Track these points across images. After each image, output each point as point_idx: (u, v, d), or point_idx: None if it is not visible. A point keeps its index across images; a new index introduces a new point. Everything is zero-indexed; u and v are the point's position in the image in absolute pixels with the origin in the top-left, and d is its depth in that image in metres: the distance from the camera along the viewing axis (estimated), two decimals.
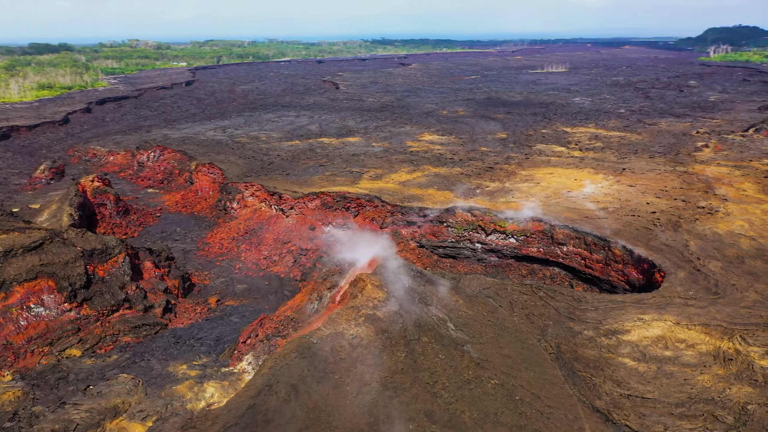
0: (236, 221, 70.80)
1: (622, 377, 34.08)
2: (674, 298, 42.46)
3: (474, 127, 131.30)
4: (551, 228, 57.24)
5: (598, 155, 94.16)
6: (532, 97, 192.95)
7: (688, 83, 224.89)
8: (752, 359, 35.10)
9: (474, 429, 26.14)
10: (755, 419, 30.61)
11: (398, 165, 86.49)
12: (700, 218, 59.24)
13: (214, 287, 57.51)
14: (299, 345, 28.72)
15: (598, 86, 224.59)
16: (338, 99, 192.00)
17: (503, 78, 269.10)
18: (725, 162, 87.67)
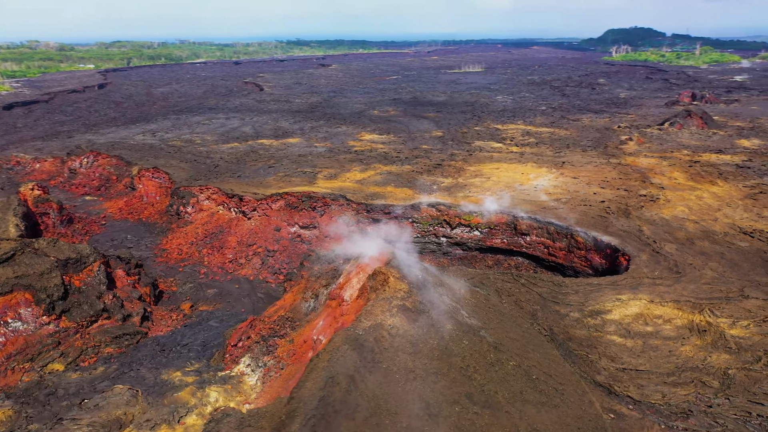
0: (192, 226, 69.05)
1: (615, 353, 36.59)
2: (643, 279, 45.81)
3: (409, 126, 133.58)
4: (514, 219, 59.86)
5: (535, 150, 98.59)
6: (456, 96, 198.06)
7: (598, 81, 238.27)
8: (723, 329, 38.58)
9: (507, 407, 27.54)
10: (737, 382, 33.79)
11: (348, 164, 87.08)
12: (646, 205, 63.74)
13: (184, 293, 56.10)
14: (346, 337, 29.05)
15: (516, 85, 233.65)
16: (265, 100, 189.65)
17: (424, 78, 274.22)
18: (651, 154, 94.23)
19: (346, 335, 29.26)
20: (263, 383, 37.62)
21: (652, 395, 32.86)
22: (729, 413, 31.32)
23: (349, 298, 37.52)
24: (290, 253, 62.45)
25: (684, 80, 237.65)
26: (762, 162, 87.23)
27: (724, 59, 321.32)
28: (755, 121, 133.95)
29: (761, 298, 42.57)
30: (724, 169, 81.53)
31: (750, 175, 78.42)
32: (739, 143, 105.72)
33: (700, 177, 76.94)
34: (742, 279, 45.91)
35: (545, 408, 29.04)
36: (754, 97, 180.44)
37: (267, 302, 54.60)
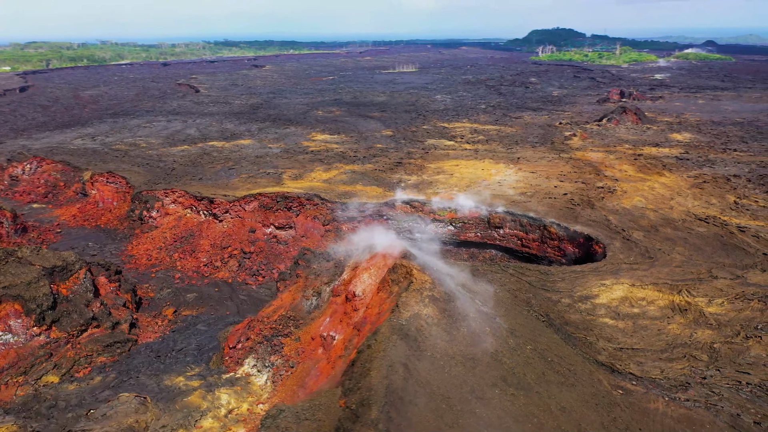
0: (159, 231, 67.28)
1: (610, 334, 38.79)
2: (621, 264, 48.58)
3: (357, 125, 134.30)
4: (488, 213, 61.80)
5: (488, 147, 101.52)
6: (396, 96, 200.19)
7: (530, 80, 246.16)
8: (701, 308, 41.61)
9: (537, 388, 28.97)
10: (722, 355, 36.62)
11: (309, 164, 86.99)
12: (606, 197, 67.21)
13: (163, 299, 54.82)
14: (392, 328, 29.51)
15: (452, 84, 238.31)
16: (203, 102, 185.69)
17: (360, 78, 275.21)
18: (596, 148, 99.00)
19: (391, 325, 29.84)
20: (273, 382, 37.59)
21: (652, 371, 35.14)
22: (722, 383, 33.96)
23: (361, 293, 38.00)
24: (267, 254, 62.02)
25: (609, 79, 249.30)
26: (698, 154, 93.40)
27: (642, 59, 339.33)
28: (681, 116, 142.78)
29: (728, 278, 46.09)
30: (667, 162, 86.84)
31: (690, 167, 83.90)
32: (673, 137, 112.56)
33: (647, 169, 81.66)
34: (707, 261, 49.48)
35: (565, 387, 30.66)
36: (676, 94, 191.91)
37: (251, 304, 54.19)
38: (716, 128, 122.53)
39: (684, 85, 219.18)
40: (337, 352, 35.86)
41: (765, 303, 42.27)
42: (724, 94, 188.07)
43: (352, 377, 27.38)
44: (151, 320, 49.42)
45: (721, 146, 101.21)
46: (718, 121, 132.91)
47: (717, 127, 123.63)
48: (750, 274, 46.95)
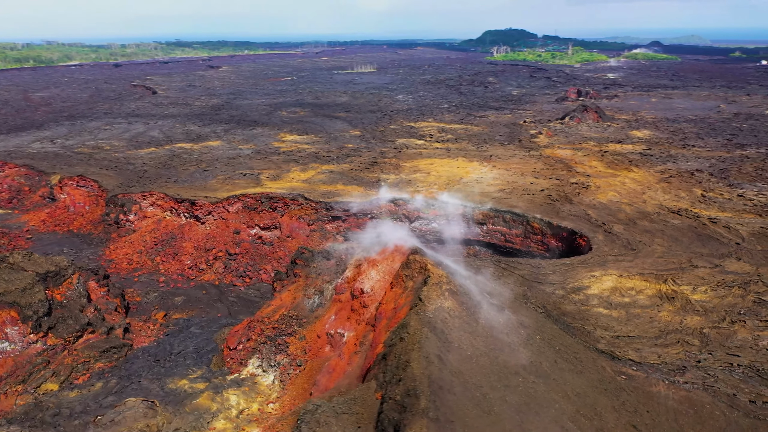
0: (138, 234, 66.00)
1: (606, 323, 40.27)
2: (607, 256, 50.37)
3: (324, 126, 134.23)
4: (471, 210, 62.95)
5: (458, 145, 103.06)
6: (358, 96, 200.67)
7: (488, 80, 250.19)
8: (687, 295, 43.60)
9: (553, 375, 30.02)
10: (712, 339, 38.54)
11: (285, 165, 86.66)
12: (581, 192, 69.31)
13: (150, 303, 53.97)
14: (421, 321, 29.93)
15: (412, 84, 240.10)
16: (163, 104, 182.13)
17: (319, 79, 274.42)
18: (563, 145, 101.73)
19: (419, 318, 30.32)
20: (282, 382, 37.66)
21: (649, 357, 36.71)
22: (715, 366, 35.77)
23: (369, 289, 38.40)
24: (253, 255, 61.66)
25: (564, 78, 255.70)
26: (660, 150, 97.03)
27: (593, 58, 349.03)
28: (637, 114, 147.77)
29: (708, 267, 48.39)
30: (632, 158, 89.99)
31: (655, 162, 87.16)
32: (633, 134, 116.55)
33: (615, 165, 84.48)
34: (686, 251, 51.76)
35: (575, 374, 31.84)
36: (630, 93, 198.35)
37: (242, 306, 53.92)
38: (672, 125, 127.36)
39: (636, 84, 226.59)
40: (350, 349, 36.21)
41: (745, 289, 44.60)
42: (674, 93, 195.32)
43: (387, 370, 27.82)
44: (142, 325, 48.63)
45: (680, 142, 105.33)
46: (672, 119, 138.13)
47: (673, 125, 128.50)
48: (727, 263, 49.39)
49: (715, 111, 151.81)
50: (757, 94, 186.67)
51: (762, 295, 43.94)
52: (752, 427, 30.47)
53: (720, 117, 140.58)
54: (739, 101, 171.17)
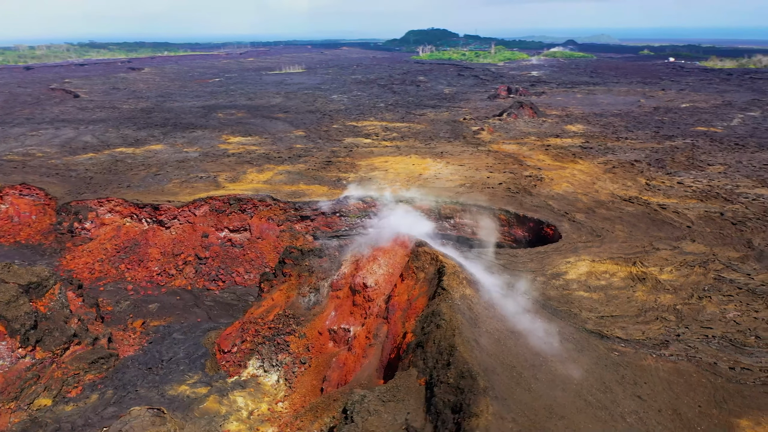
0: (96, 242, 63.48)
1: (589, 305, 42.64)
2: (577, 243, 53.10)
3: (265, 127, 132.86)
4: (438, 205, 64.50)
5: (406, 143, 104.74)
6: (292, 96, 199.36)
7: (419, 79, 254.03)
8: (656, 276, 46.77)
9: (562, 354, 31.83)
10: (685, 314, 41.65)
11: (238, 166, 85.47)
12: (537, 184, 72.36)
13: (124, 311, 52.29)
14: (452, 308, 30.65)
15: (345, 84, 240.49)
16: (88, 108, 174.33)
17: (248, 80, 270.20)
18: (507, 141, 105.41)
19: (450, 306, 31.13)
20: (287, 380, 37.72)
21: (634, 334, 39.26)
22: (693, 338, 38.73)
23: (374, 283, 38.94)
24: (223, 258, 60.70)
25: (491, 76, 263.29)
26: (598, 143, 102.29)
27: (515, 57, 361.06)
28: (566, 109, 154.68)
29: (668, 249, 51.98)
30: (575, 151, 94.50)
31: (596, 155, 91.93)
32: (568, 128, 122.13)
33: (561, 158, 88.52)
34: (646, 236, 55.33)
35: (578, 353, 33.80)
36: (555, 90, 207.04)
37: (221, 309, 53.24)
38: (601, 119, 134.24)
39: (560, 81, 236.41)
40: (361, 343, 36.70)
41: (705, 268, 48.30)
42: (596, 89, 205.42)
43: (428, 357, 28.58)
44: (123, 334, 47.14)
45: (613, 135, 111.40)
46: (599, 113, 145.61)
47: (601, 119, 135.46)
48: (684, 245, 53.22)
49: (636, 105, 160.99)
50: (671, 89, 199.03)
51: (720, 272, 47.74)
52: (737, 391, 33.33)
53: (642, 111, 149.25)
54: (656, 96, 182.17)
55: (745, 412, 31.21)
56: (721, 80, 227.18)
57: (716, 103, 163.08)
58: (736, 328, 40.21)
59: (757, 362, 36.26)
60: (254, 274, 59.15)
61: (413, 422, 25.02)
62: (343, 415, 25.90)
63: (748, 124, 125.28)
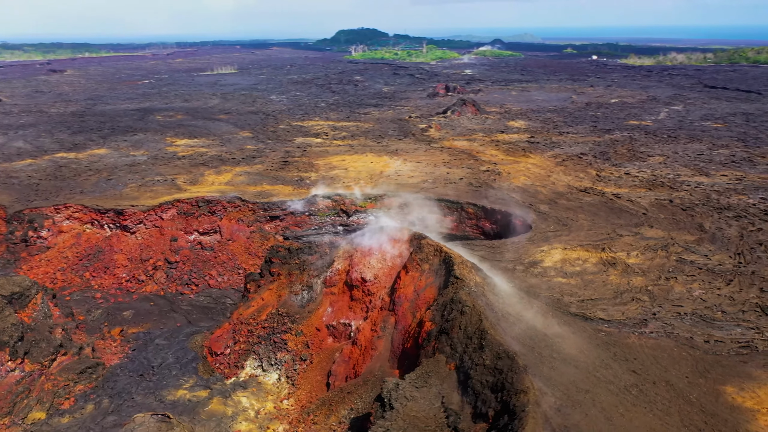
0: (55, 251, 60.82)
1: (569, 290, 44.77)
2: (547, 233, 55.43)
3: (209, 128, 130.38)
4: (406, 201, 65.55)
5: (358, 142, 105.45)
6: (229, 97, 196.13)
7: (355, 78, 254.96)
8: (624, 260, 49.59)
9: (564, 335, 33.55)
10: (657, 295, 44.48)
11: (195, 169, 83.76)
12: (496, 178, 74.73)
13: (97, 320, 50.59)
14: (471, 294, 31.44)
15: (282, 84, 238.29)
16: (12, 112, 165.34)
17: (181, 81, 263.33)
18: (457, 137, 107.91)
19: (468, 293, 32.01)
20: (289, 378, 37.80)
21: (615, 315, 41.63)
22: (668, 316, 41.48)
23: (372, 277, 39.45)
24: (194, 261, 59.52)
25: (426, 75, 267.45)
26: (543, 138, 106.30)
27: (446, 56, 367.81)
28: (504, 106, 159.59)
29: (630, 235, 55.13)
30: (523, 146, 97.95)
31: (544, 149, 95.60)
32: (511, 124, 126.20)
33: (512, 153, 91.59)
34: (607, 223, 58.38)
35: (573, 334, 35.68)
36: (490, 87, 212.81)
37: (200, 313, 52.44)
38: (540, 116, 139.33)
39: (494, 79, 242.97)
40: (367, 336, 37.18)
41: (667, 251, 51.59)
42: (530, 86, 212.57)
43: (455, 342, 29.40)
44: (103, 342, 45.65)
45: (555, 130, 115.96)
46: (536, 110, 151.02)
47: (540, 115, 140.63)
48: (643, 230, 56.55)
49: (569, 102, 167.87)
50: (599, 85, 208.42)
51: (681, 255, 51.13)
52: (716, 361, 36.05)
53: (575, 107, 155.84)
54: (586, 92, 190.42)
55: (727, 380, 33.85)
56: (643, 77, 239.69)
57: (642, 98, 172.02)
58: (704, 304, 43.32)
59: (727, 335, 39.29)
60: (228, 276, 58.45)
61: (450, 405, 25.95)
62: (378, 403, 26.44)
63: (674, 118, 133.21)
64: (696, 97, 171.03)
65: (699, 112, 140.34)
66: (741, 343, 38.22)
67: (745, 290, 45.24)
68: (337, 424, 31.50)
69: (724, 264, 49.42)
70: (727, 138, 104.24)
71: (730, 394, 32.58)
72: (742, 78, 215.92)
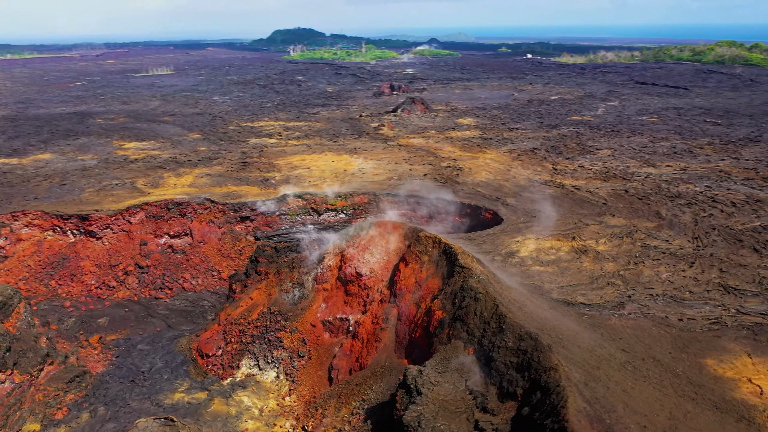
0: (14, 260, 58.10)
1: (548, 278, 46.65)
2: (518, 224, 57.38)
3: (156, 131, 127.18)
4: (376, 197, 66.30)
5: (314, 141, 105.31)
6: (170, 99, 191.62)
7: (297, 78, 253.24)
8: (594, 247, 52.06)
9: (560, 317, 35.12)
10: (629, 279, 47.00)
11: (152, 172, 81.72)
12: (459, 174, 76.49)
13: (71, 329, 48.94)
14: (480, 282, 32.21)
15: (223, 85, 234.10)
16: None
17: (115, 83, 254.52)
18: (411, 135, 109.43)
19: (477, 281, 32.85)
20: (288, 374, 37.89)
21: (594, 299, 43.77)
22: (642, 298, 43.96)
23: (368, 271, 39.89)
24: (166, 265, 58.25)
25: (368, 74, 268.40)
26: (495, 134, 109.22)
27: (385, 55, 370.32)
28: (450, 104, 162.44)
29: (595, 224, 57.80)
30: (477, 142, 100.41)
31: (498, 145, 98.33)
32: (461, 122, 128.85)
33: (469, 149, 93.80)
34: (572, 214, 60.96)
35: (562, 316, 37.42)
36: (433, 86, 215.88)
37: (179, 317, 51.64)
38: (486, 113, 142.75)
39: (436, 77, 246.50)
40: (368, 329, 37.66)
41: (632, 238, 54.46)
42: (471, 85, 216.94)
43: (471, 328, 30.28)
44: (83, 350, 44.25)
45: (504, 127, 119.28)
46: (481, 107, 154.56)
47: (486, 112, 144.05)
48: (607, 219, 59.40)
49: (511, 99, 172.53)
50: (537, 83, 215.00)
51: (645, 240, 54.09)
52: (692, 337, 38.57)
53: (519, 104, 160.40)
54: (526, 90, 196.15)
55: (706, 353, 36.33)
56: (577, 74, 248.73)
57: (579, 95, 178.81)
58: (672, 286, 46.13)
59: (698, 313, 42.03)
60: (202, 279, 57.55)
61: (474, 387, 26.92)
62: (402, 390, 27.06)
63: (612, 113, 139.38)
64: (629, 93, 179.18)
65: (634, 107, 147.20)
66: (711, 320, 40.96)
67: (707, 271, 48.38)
68: (349, 416, 31.93)
69: (684, 248, 52.61)
70: (665, 131, 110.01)
71: (711, 366, 35.02)
72: (668, 74, 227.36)
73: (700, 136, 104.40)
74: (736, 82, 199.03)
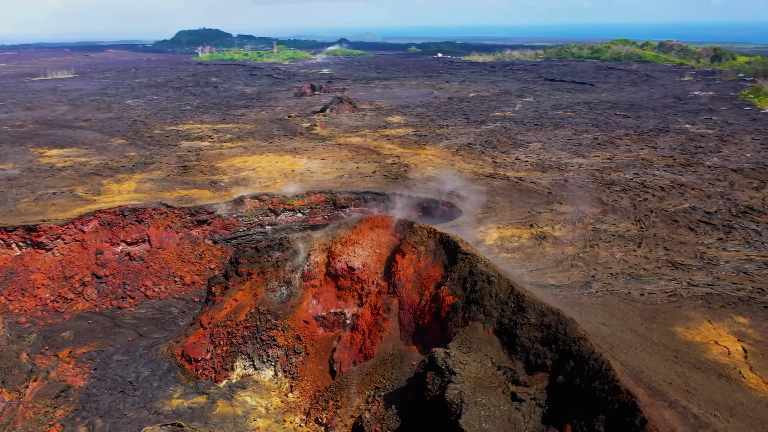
0: None
1: (517, 263, 49.26)
2: (478, 215, 59.84)
3: (75, 137, 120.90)
4: (333, 195, 66.82)
5: (249, 143, 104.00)
6: (78, 103, 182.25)
7: (212, 80, 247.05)
8: (551, 233, 55.35)
9: (546, 297, 37.46)
10: (588, 260, 50.48)
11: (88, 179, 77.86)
12: (406, 170, 78.37)
13: (35, 344, 46.21)
14: (488, 265, 33.33)
15: (134, 88, 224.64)
16: None
17: (12, 88, 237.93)
18: (347, 134, 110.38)
19: (485, 266, 34.09)
20: (287, 371, 38.09)
21: (563, 281, 46.78)
22: (604, 277, 47.45)
23: (361, 265, 40.48)
24: (125, 274, 56.07)
25: (284, 75, 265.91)
26: (428, 131, 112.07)
27: (298, 56, 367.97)
28: (373, 103, 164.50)
29: (547, 212, 61.35)
30: (413, 139, 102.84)
31: (434, 141, 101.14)
32: (390, 120, 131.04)
33: (408, 146, 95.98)
34: (524, 203, 64.26)
35: (546, 296, 39.83)
36: (352, 85, 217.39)
37: (150, 325, 50.20)
38: (412, 111, 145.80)
39: (353, 77, 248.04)
40: (368, 321, 38.37)
41: (582, 223, 58.29)
42: (390, 83, 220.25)
43: (488, 309, 31.65)
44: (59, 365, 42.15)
45: (434, 124, 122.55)
46: (405, 105, 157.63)
47: (411, 110, 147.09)
48: (556, 207, 63.12)
49: (432, 97, 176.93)
50: (453, 81, 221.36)
51: (594, 225, 58.04)
52: (657, 309, 42.19)
53: (440, 102, 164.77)
54: (444, 88, 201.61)
55: (673, 322, 39.92)
56: (489, 72, 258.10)
57: (495, 92, 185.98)
58: (627, 265, 50.00)
59: (656, 287, 45.92)
60: (165, 285, 55.89)
61: (500, 363, 28.46)
62: (432, 372, 28.11)
63: (530, 108, 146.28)
64: (541, 89, 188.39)
65: (548, 103, 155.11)
66: (668, 293, 44.88)
67: (654, 250, 52.71)
68: (365, 404, 32.68)
69: (630, 230, 56.96)
70: (584, 124, 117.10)
71: (681, 333, 38.58)
72: (573, 71, 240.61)
73: (616, 128, 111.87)
74: (634, 77, 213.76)
